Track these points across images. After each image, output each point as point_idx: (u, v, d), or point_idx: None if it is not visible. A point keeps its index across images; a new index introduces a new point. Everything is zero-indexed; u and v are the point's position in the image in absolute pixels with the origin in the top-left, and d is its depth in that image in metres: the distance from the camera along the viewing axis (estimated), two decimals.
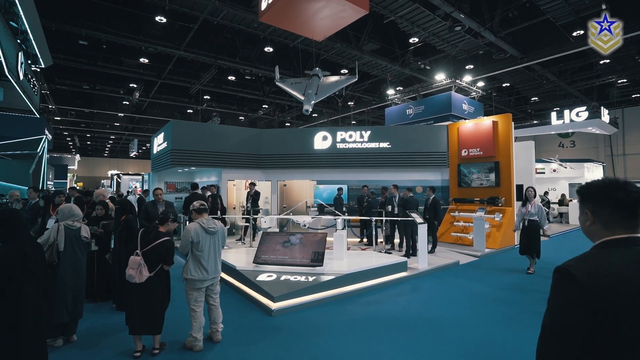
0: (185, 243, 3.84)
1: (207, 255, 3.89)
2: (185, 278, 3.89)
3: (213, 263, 3.94)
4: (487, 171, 10.08)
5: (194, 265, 3.85)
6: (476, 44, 15.51)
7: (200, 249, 3.85)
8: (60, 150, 29.45)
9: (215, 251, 3.98)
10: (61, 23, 12.66)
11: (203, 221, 3.93)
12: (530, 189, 6.87)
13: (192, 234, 3.82)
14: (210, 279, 3.92)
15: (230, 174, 11.10)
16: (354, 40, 15.72)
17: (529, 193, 6.83)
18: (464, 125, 10.87)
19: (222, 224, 4.14)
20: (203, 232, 3.89)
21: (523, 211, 6.89)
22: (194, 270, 3.84)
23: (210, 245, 3.93)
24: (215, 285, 4.05)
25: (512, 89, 21.44)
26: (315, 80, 9.07)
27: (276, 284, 5.44)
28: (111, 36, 13.44)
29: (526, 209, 6.85)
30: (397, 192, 8.93)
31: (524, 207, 6.88)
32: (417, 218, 7.40)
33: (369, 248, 9.17)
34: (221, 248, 4.12)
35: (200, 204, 4.09)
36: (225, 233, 4.20)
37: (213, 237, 3.96)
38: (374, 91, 21.75)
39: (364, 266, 6.19)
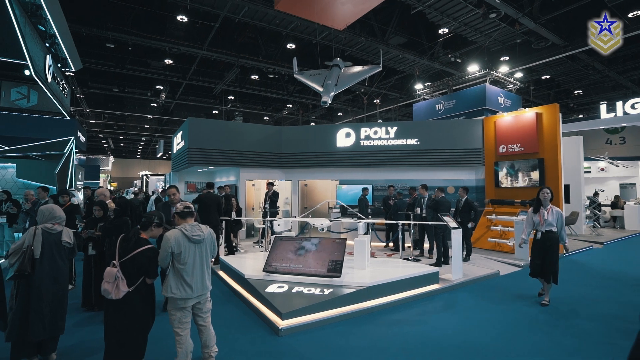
0: (164, 254, 3.15)
1: (191, 269, 3.19)
2: (166, 296, 3.22)
3: (199, 278, 3.23)
4: (530, 169, 8.86)
5: (175, 281, 3.16)
6: (512, 33, 14.12)
7: (182, 262, 3.16)
8: (96, 152, 30.47)
9: (202, 263, 3.27)
10: (89, 27, 12.65)
11: (186, 228, 3.23)
12: (545, 190, 5.09)
13: (171, 243, 3.12)
14: (195, 297, 3.22)
15: (249, 173, 10.52)
16: (380, 34, 14.79)
17: (544, 195, 5.06)
18: (503, 119, 9.68)
19: (210, 231, 3.44)
20: (186, 240, 3.20)
21: (535, 219, 5.11)
22: (176, 287, 3.15)
23: (195, 257, 3.23)
24: (204, 303, 3.34)
25: (552, 81, 19.59)
26: (335, 71, 8.29)
27: (287, 296, 4.70)
28: (136, 38, 13.31)
29: (540, 217, 5.05)
30: (426, 193, 7.96)
31: (537, 214, 5.10)
32: (450, 222, 6.43)
33: (395, 254, 8.27)
34: (210, 259, 3.43)
35: (184, 206, 3.41)
36: (214, 241, 3.49)
37: (199, 246, 3.26)
38: (401, 88, 20.62)
39: (389, 277, 5.33)
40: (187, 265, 3.18)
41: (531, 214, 5.19)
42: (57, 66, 12.51)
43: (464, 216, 7.66)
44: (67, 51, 12.84)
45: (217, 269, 6.72)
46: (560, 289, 5.62)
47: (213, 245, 3.47)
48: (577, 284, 6.31)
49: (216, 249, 3.54)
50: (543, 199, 5.07)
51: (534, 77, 18.19)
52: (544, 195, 5.06)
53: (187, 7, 12.24)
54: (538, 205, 5.13)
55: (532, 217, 5.18)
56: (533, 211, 5.15)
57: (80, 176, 15.30)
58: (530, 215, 5.21)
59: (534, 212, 5.15)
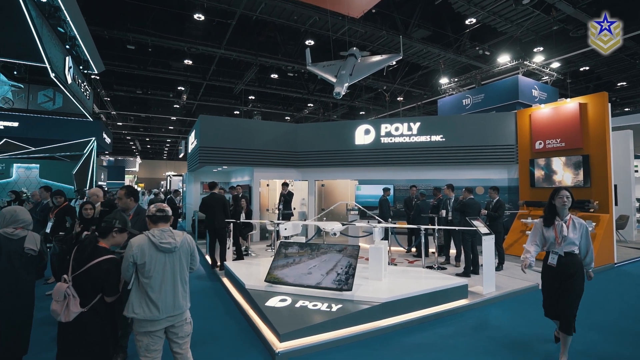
0: (125, 265, 2.54)
1: (158, 284, 2.56)
2: (127, 317, 2.61)
3: (169, 295, 2.59)
4: (573, 167, 7.72)
5: (138, 299, 2.54)
6: (547, 21, 12.81)
7: (146, 274, 2.53)
8: (124, 153, 31.22)
9: (173, 277, 2.63)
10: (110, 29, 12.56)
11: (155, 234, 2.61)
12: (564, 194, 3.35)
13: (133, 251, 2.51)
14: (165, 319, 2.58)
15: (263, 173, 9.96)
16: (402, 27, 13.86)
17: (563, 200, 3.33)
18: (539, 112, 8.57)
19: (187, 238, 2.81)
20: (153, 249, 2.57)
21: (548, 236, 3.39)
22: (138, 306, 2.52)
23: (164, 269, 2.59)
24: (180, 326, 2.69)
25: (591, 73, 17.82)
26: (350, 61, 7.55)
27: (288, 312, 4.02)
28: (156, 39, 13.13)
29: (555, 232, 3.33)
30: (452, 194, 7.06)
31: (550, 228, 3.39)
32: (480, 227, 5.54)
33: (417, 261, 7.41)
34: (186, 272, 2.79)
35: (157, 208, 2.76)
36: (193, 250, 2.84)
37: (170, 257, 2.63)
38: (425, 84, 19.50)
39: (408, 291, 4.53)
40: (153, 279, 2.55)
41: (541, 227, 3.45)
42: (79, 68, 12.52)
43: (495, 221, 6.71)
44: (89, 53, 12.84)
45: (221, 276, 6.16)
46: (606, 310, 4.61)
47: (192, 255, 2.82)
48: (628, 304, 5.23)
49: (196, 259, 2.90)
50: (561, 205, 3.31)
51: (571, 69, 16.57)
52: (563, 201, 3.30)
53: (204, 6, 11.87)
54: (552, 214, 3.38)
55: (542, 232, 3.43)
56: (544, 223, 3.42)
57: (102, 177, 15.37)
58: (540, 230, 3.45)
59: (545, 225, 3.41)
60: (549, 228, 3.38)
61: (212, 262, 6.72)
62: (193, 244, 2.86)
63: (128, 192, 3.62)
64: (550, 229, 3.37)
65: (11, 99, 10.85)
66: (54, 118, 13.14)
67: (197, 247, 3.04)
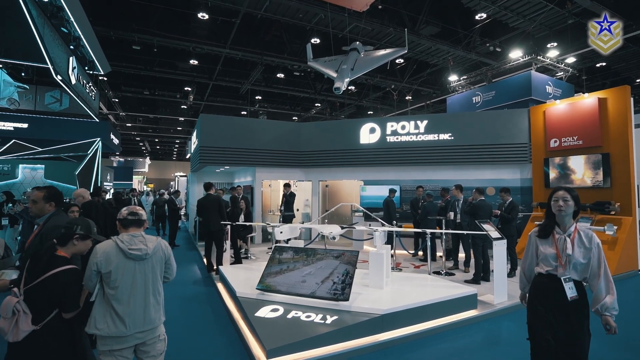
0: (88, 274, 2.22)
1: (126, 295, 2.24)
2: (89, 333, 2.29)
3: (139, 308, 2.27)
4: (592, 167, 7.18)
5: (102, 312, 2.21)
6: (561, 15, 12.20)
7: (113, 285, 2.21)
8: (134, 154, 31.39)
9: (144, 288, 2.30)
10: (115, 29, 12.45)
11: (123, 239, 2.29)
12: (563, 195, 2.33)
13: (97, 259, 2.20)
14: (134, 335, 2.24)
15: (265, 173, 9.64)
16: (410, 24, 13.39)
17: (556, 205, 2.33)
18: (554, 108, 8.04)
19: (162, 243, 2.48)
20: (120, 256, 2.25)
21: (548, 252, 2.35)
22: (102, 321, 2.19)
23: (134, 279, 2.27)
24: (151, 344, 2.35)
25: (608, 69, 17.03)
26: (352, 55, 7.18)
27: (279, 324, 3.67)
28: (161, 39, 12.97)
29: (555, 247, 2.33)
30: (460, 195, 6.61)
31: (547, 241, 2.39)
32: (491, 231, 5.09)
33: (424, 265, 6.99)
34: (160, 282, 2.46)
35: (129, 211, 2.45)
36: (169, 257, 2.51)
37: (141, 265, 2.30)
38: (434, 83, 18.94)
39: (412, 301, 4.13)
40: (120, 289, 2.23)
41: (535, 240, 2.46)
42: (84, 69, 12.44)
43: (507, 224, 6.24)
44: (94, 54, 12.74)
45: (217, 281, 5.85)
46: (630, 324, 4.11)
47: (166, 263, 2.50)
48: None
49: (172, 267, 2.56)
50: (556, 211, 2.33)
51: (587, 65, 15.82)
52: (558, 205, 2.32)
53: (209, 5, 11.64)
54: (550, 224, 2.39)
55: (536, 247, 2.45)
56: (539, 234, 2.43)
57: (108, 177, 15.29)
58: (534, 244, 2.47)
59: (540, 237, 2.43)
60: (545, 241, 2.37)
61: (209, 266, 6.42)
62: (168, 250, 2.54)
63: (48, 195, 2.86)
64: (547, 243, 2.35)
65: (17, 100, 10.82)
66: (62, 119, 13.09)
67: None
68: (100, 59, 13.15)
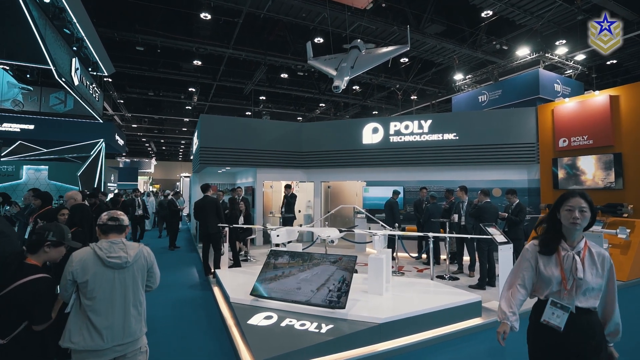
0: (63, 284, 2.08)
1: (104, 307, 2.08)
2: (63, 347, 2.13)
3: (119, 320, 2.11)
4: (603, 167, 6.88)
5: (77, 324, 2.05)
6: (570, 12, 11.85)
7: (89, 295, 2.06)
8: (140, 155, 31.54)
9: (124, 299, 2.15)
10: (118, 30, 12.42)
11: (102, 246, 2.14)
12: (576, 204, 1.77)
13: (73, 267, 2.05)
14: (112, 348, 2.08)
15: (267, 174, 9.48)
16: (414, 23, 13.15)
17: (571, 217, 1.77)
18: (563, 106, 7.74)
19: (144, 250, 2.32)
20: (98, 264, 2.10)
21: (551, 274, 1.82)
22: (78, 334, 2.03)
23: (113, 289, 2.11)
24: (132, 357, 2.19)
25: (619, 67, 16.55)
26: (353, 53, 6.99)
27: (271, 333, 3.49)
28: (164, 39, 12.91)
29: (560, 268, 1.80)
30: (465, 197, 6.37)
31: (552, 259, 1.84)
32: (497, 235, 4.86)
33: (427, 268, 6.75)
34: (141, 292, 2.30)
35: (109, 216, 2.30)
36: (151, 265, 2.35)
37: (120, 274, 2.15)
38: (440, 82, 18.64)
39: (412, 309, 3.91)
40: (97, 300, 2.08)
41: (534, 256, 1.92)
42: (87, 70, 12.42)
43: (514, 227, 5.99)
44: (98, 55, 12.71)
45: (213, 284, 5.70)
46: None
47: (149, 271, 2.34)
48: None
49: (155, 276, 2.40)
50: (569, 224, 1.79)
51: (597, 63, 15.39)
52: (573, 217, 1.77)
53: (211, 5, 11.53)
54: (555, 237, 1.87)
55: (535, 267, 1.91)
56: (541, 250, 1.89)
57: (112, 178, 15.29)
58: (532, 261, 1.92)
59: (542, 253, 1.89)
60: (548, 259, 1.83)
61: (206, 269, 6.28)
62: (151, 258, 2.37)
63: None
64: (551, 262, 1.82)
65: (21, 102, 10.84)
66: (67, 120, 13.11)
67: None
68: (104, 60, 13.12)
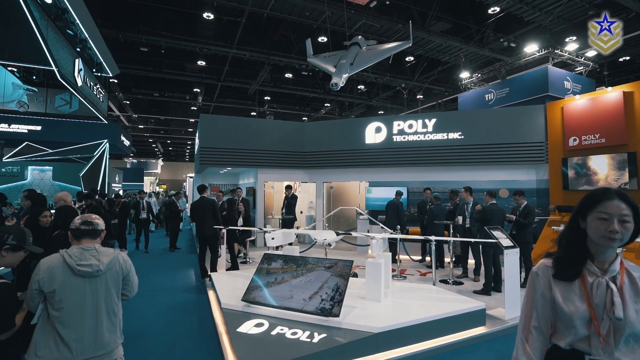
0: (29, 293, 1.91)
1: (73, 318, 1.91)
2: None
3: (91, 331, 1.94)
4: (616, 167, 6.53)
5: (44, 337, 1.88)
6: (581, 7, 11.46)
7: (57, 306, 1.89)
8: (147, 156, 31.73)
9: (96, 309, 1.97)
10: (122, 31, 12.39)
11: (72, 253, 1.96)
12: (615, 209, 1.20)
13: (40, 276, 1.88)
14: None
15: (268, 175, 9.31)
16: (420, 21, 12.86)
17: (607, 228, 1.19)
18: (573, 104, 7.41)
19: (120, 257, 2.14)
20: (67, 272, 1.93)
21: (575, 309, 1.22)
22: (44, 346, 1.86)
23: (84, 299, 1.94)
24: None
25: (632, 63, 15.99)
26: (352, 50, 6.77)
27: (261, 342, 3.30)
28: (168, 40, 12.86)
29: (588, 300, 1.21)
30: (470, 198, 6.10)
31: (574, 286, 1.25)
32: (502, 238, 4.59)
33: (430, 272, 6.49)
34: (115, 302, 2.12)
35: (82, 220, 2.12)
36: (127, 273, 2.17)
37: (92, 283, 1.97)
38: (446, 81, 18.28)
39: (411, 317, 3.68)
40: (66, 311, 1.90)
41: (548, 283, 1.30)
42: (92, 71, 12.42)
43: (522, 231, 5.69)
44: (102, 56, 12.71)
45: (208, 288, 5.53)
46: None
47: (124, 279, 2.16)
48: None
49: (132, 283, 2.21)
50: (601, 238, 1.21)
51: (609, 59, 14.87)
52: (610, 229, 1.18)
53: (214, 4, 11.43)
54: (577, 256, 1.28)
55: (547, 297, 1.31)
56: (558, 274, 1.28)
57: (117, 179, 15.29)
58: (545, 288, 1.31)
59: (559, 278, 1.28)
60: (568, 288, 1.27)
61: (202, 272, 6.12)
62: (127, 264, 2.19)
63: None
64: (572, 292, 1.25)
65: (26, 103, 10.87)
66: (74, 121, 13.15)
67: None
68: (108, 61, 13.11)
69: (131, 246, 8.80)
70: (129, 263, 2.22)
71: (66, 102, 13.24)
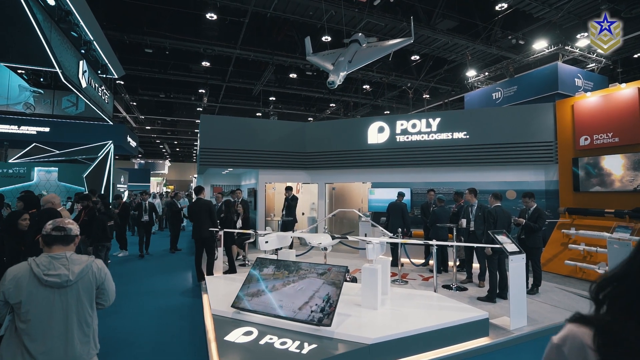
0: None
1: (41, 330, 1.77)
2: None
3: (61, 344, 1.80)
4: (632, 167, 6.18)
5: (11, 350, 1.76)
6: (593, 2, 11.04)
7: (24, 318, 1.76)
8: (155, 157, 31.94)
9: (67, 320, 1.83)
10: (127, 33, 12.40)
11: (40, 262, 1.82)
12: None
13: (5, 286, 1.76)
14: None
15: (269, 176, 9.15)
16: (425, 19, 12.58)
17: None
18: (584, 101, 7.07)
19: (94, 265, 1.98)
20: (34, 283, 1.79)
21: None
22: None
23: (52, 310, 1.80)
24: None
25: None
26: (352, 47, 6.56)
27: (248, 352, 3.12)
28: (172, 41, 12.83)
29: None
30: (474, 200, 5.83)
31: None
32: (507, 243, 4.33)
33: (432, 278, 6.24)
34: (88, 313, 1.96)
35: (54, 226, 1.97)
36: (102, 282, 2.01)
37: (62, 293, 1.83)
38: (452, 80, 17.90)
39: (409, 327, 3.46)
40: (32, 324, 1.76)
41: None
42: (97, 73, 12.44)
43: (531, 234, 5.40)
44: (107, 57, 12.72)
45: (203, 291, 5.38)
46: None
47: (99, 288, 2.00)
48: None
49: (107, 292, 2.05)
50: None
51: (623, 55, 14.35)
52: None
53: (217, 5, 11.34)
54: None
55: None
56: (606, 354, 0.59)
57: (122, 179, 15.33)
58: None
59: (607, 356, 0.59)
60: None
61: (199, 274, 5.98)
62: (102, 273, 2.03)
63: None
64: None
65: (33, 105, 10.93)
66: (81, 123, 13.22)
67: None
68: (114, 63, 13.13)
69: (132, 248, 8.70)
70: (104, 271, 2.06)
71: (72, 103, 13.30)
